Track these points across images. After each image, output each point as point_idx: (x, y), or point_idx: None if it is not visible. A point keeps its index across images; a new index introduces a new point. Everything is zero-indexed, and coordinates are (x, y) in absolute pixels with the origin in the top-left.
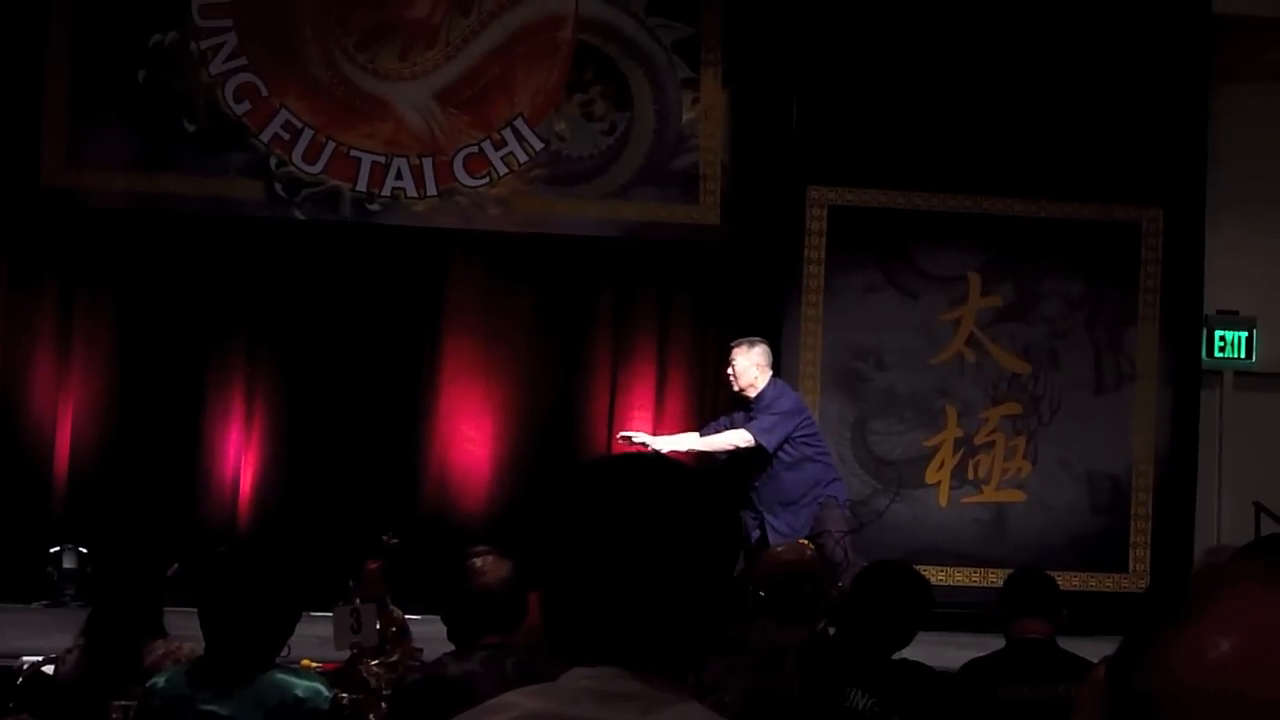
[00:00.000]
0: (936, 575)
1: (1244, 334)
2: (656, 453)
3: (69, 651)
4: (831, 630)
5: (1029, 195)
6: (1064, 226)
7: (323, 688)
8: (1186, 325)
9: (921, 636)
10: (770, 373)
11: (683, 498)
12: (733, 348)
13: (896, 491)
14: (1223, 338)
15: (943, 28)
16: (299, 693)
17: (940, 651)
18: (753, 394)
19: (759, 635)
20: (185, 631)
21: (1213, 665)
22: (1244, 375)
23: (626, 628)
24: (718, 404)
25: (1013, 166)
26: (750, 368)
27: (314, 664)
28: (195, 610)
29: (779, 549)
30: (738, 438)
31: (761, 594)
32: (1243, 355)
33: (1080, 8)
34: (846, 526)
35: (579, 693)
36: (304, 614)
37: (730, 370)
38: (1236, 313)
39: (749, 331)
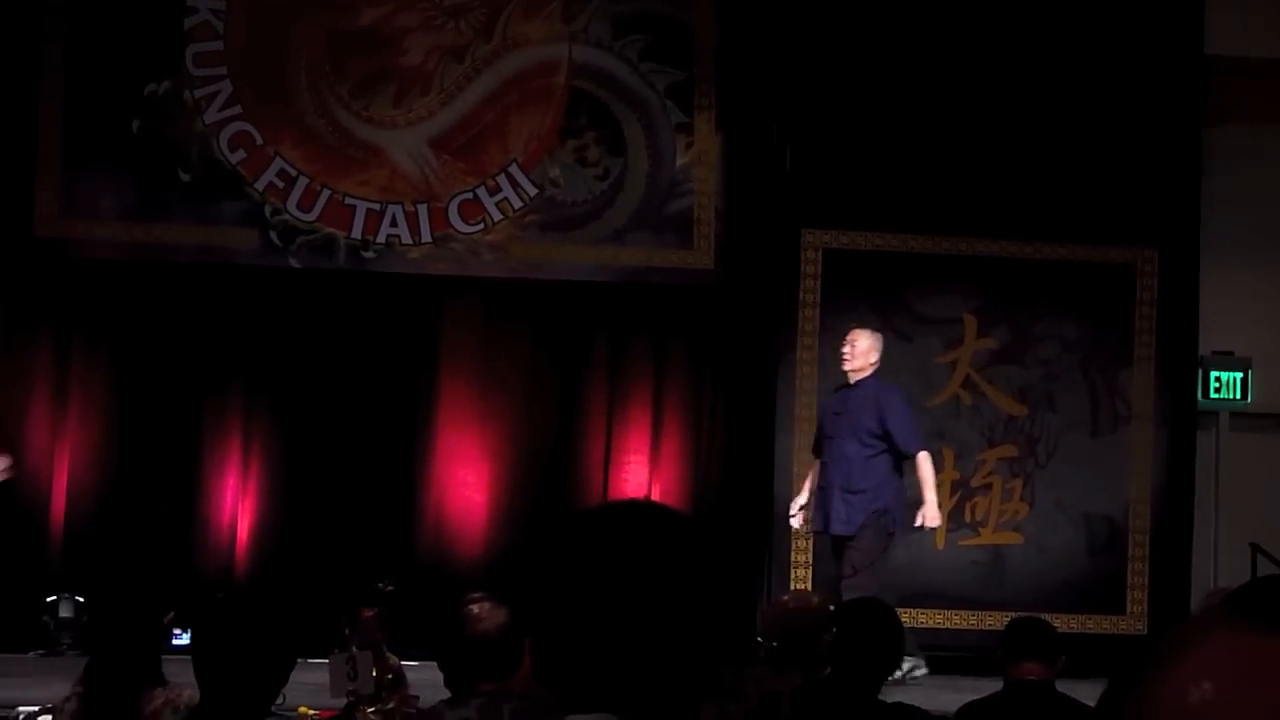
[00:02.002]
0: (934, 618)
1: (1239, 374)
2: (648, 500)
3: (66, 700)
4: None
5: (1023, 237)
6: (1058, 268)
7: None
8: (1182, 366)
9: (920, 680)
10: (878, 365)
11: (676, 545)
12: (855, 329)
13: (891, 532)
14: (1218, 378)
15: (936, 71)
16: None
17: (937, 695)
18: (855, 379)
19: (752, 682)
20: (184, 679)
21: (1193, 709)
22: (1240, 416)
23: (620, 675)
24: (714, 448)
25: (1007, 209)
26: (871, 351)
27: (311, 711)
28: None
29: (785, 598)
30: (925, 466)
31: (774, 645)
32: (1238, 396)
33: (1072, 51)
34: (882, 546)
35: None
36: (300, 661)
37: (848, 349)
38: (1232, 353)
39: (744, 375)
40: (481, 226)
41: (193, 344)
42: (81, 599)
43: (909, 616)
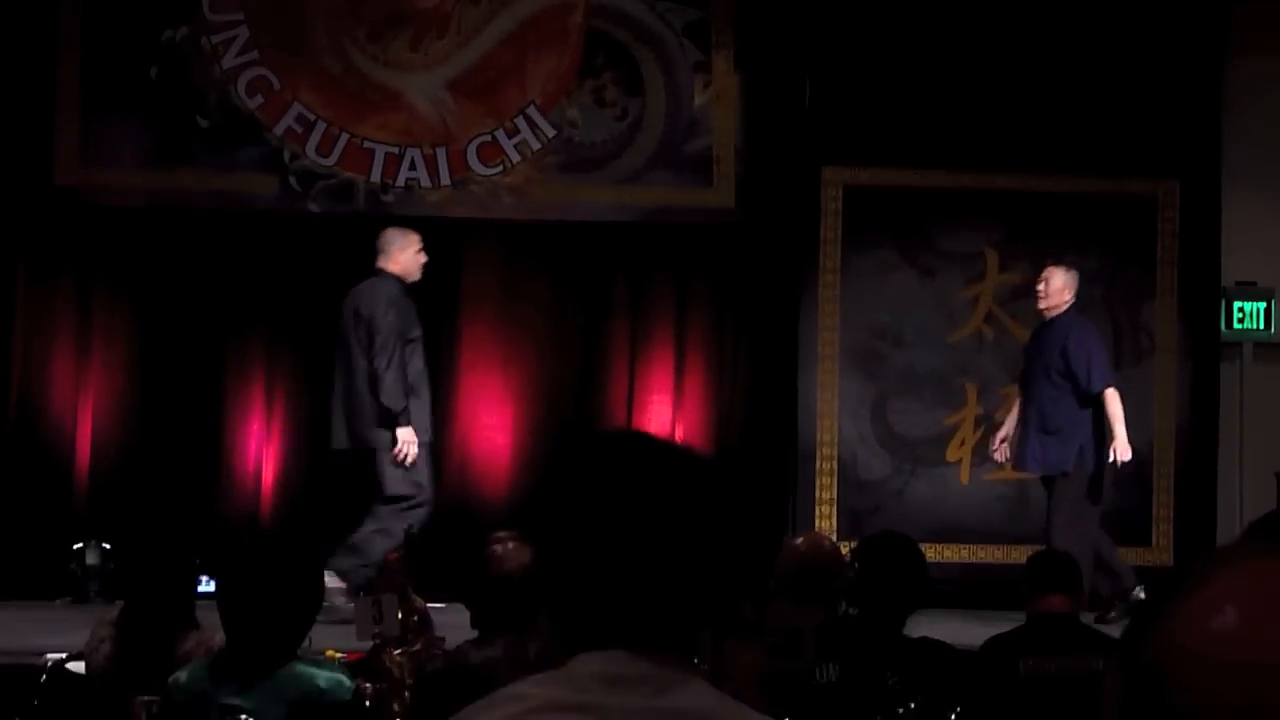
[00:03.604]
0: (959, 553)
1: (1263, 305)
2: (648, 433)
3: (101, 643)
4: (852, 610)
5: (1044, 171)
6: (1080, 201)
7: (344, 678)
8: (1205, 298)
9: (944, 613)
10: (1073, 301)
11: (684, 475)
12: (1049, 265)
13: (913, 468)
14: (1241, 309)
15: (954, 4)
16: (321, 684)
17: (964, 629)
18: (1050, 315)
19: (774, 617)
20: (217, 623)
21: (1216, 633)
22: (1264, 346)
23: (632, 608)
24: (737, 387)
25: (1027, 142)
26: (1065, 289)
27: (337, 654)
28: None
29: (798, 541)
30: (1113, 403)
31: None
32: (1261, 326)
33: None
34: (1083, 488)
35: (588, 678)
36: (326, 604)
37: (1042, 286)
38: (1255, 284)
39: (765, 312)
40: (500, 169)
41: (214, 290)
42: (107, 546)
43: (934, 551)
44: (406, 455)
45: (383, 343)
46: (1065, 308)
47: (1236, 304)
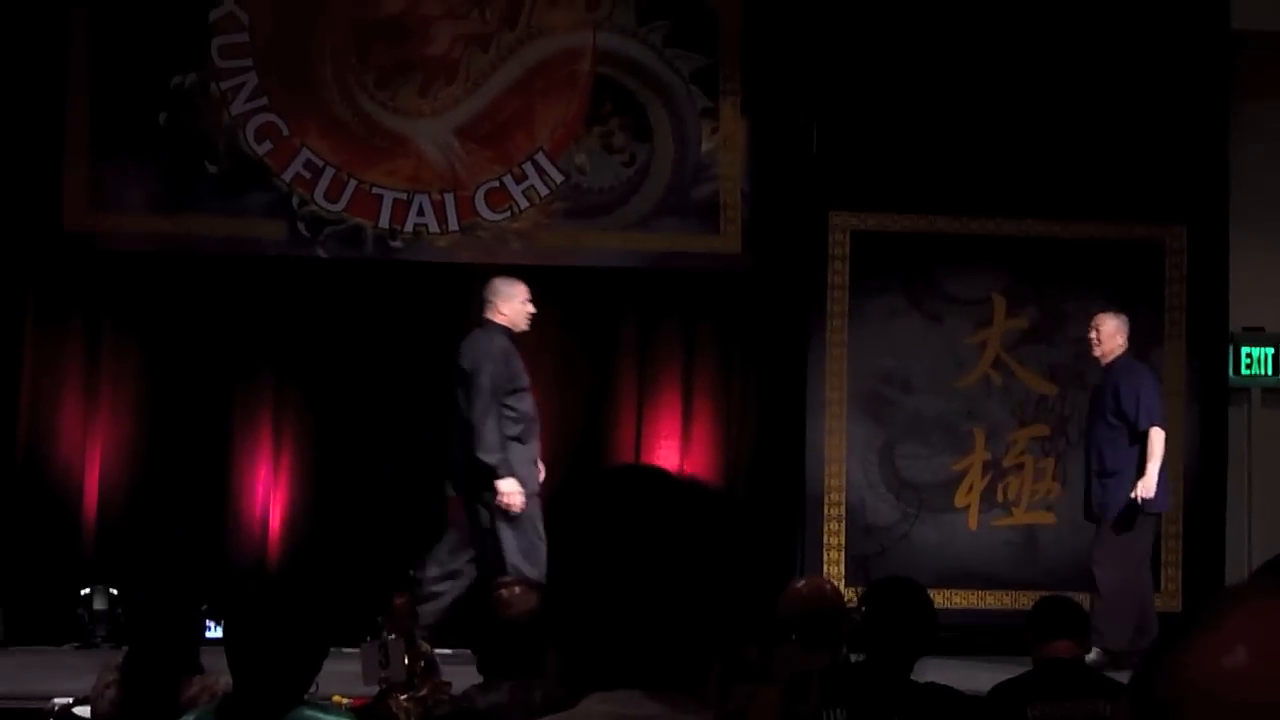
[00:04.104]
0: (968, 599)
1: (1270, 350)
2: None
3: (106, 688)
4: (854, 657)
5: (1051, 216)
6: (1087, 246)
7: None
8: (1212, 343)
9: (951, 660)
10: (1126, 345)
11: (695, 507)
12: (1098, 313)
13: (920, 513)
14: (1249, 354)
15: (961, 49)
16: None
17: (972, 675)
18: (1105, 361)
19: (782, 661)
20: (219, 669)
21: (1228, 672)
22: (1271, 392)
23: (643, 646)
24: (745, 432)
25: (1034, 187)
26: (1116, 333)
27: (344, 700)
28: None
29: (799, 585)
30: (1156, 441)
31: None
32: (1270, 372)
33: (1098, 27)
34: (1147, 537)
35: (600, 716)
36: (334, 650)
37: (1094, 334)
38: (1262, 329)
39: (773, 357)
40: (508, 214)
41: (222, 335)
42: (115, 591)
43: (941, 597)
44: (510, 505)
45: (478, 396)
46: (1118, 352)
47: (1244, 349)
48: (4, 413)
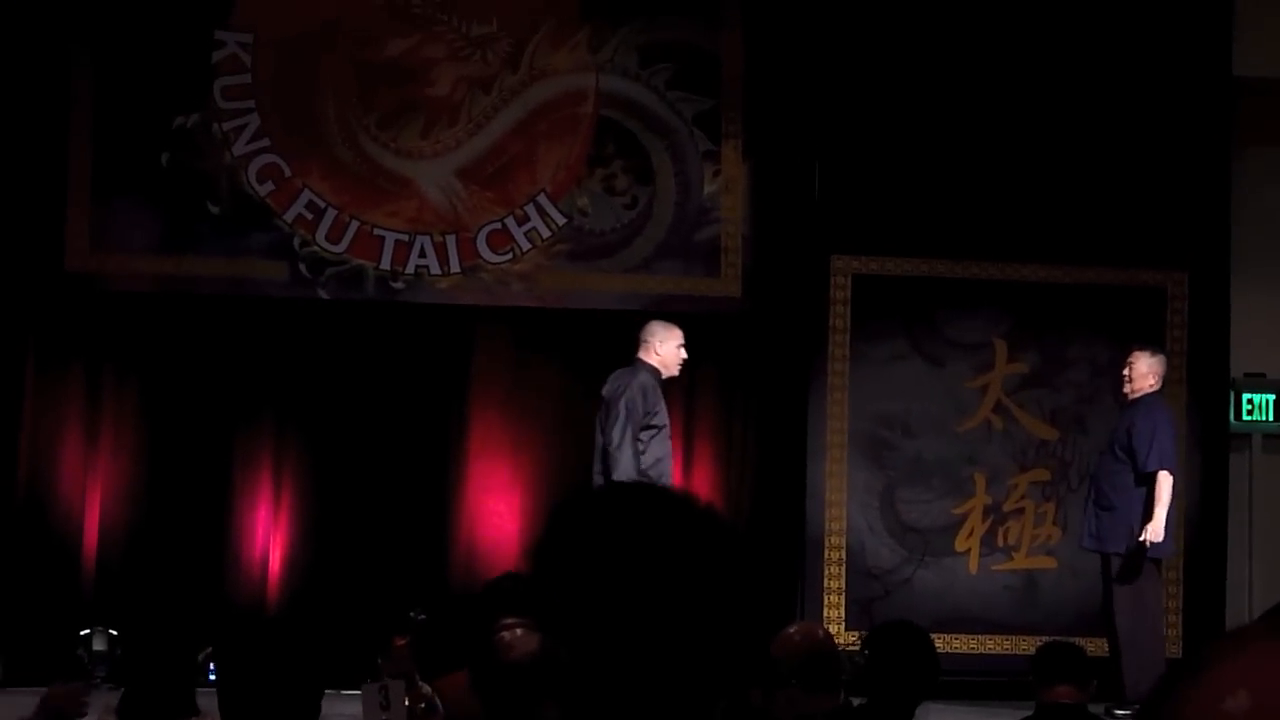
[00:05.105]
0: (968, 644)
1: (1272, 396)
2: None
3: None
4: (855, 701)
5: (1053, 261)
6: (1088, 292)
7: None
8: (1214, 388)
9: (953, 704)
10: (1158, 386)
11: (698, 529)
12: (1135, 349)
13: (921, 557)
14: (1250, 400)
15: (964, 96)
16: None
17: None
18: (1133, 397)
19: (785, 704)
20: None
21: (1228, 715)
22: (1273, 438)
23: (645, 680)
24: (745, 475)
25: (1036, 232)
26: (1149, 374)
27: None
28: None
29: (791, 631)
30: (1163, 486)
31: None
32: (1271, 418)
33: (1101, 74)
34: (1150, 581)
35: None
36: (334, 692)
37: (1127, 371)
38: (1264, 375)
39: (774, 400)
40: (510, 256)
41: (223, 376)
42: (115, 632)
43: (942, 641)
44: None
45: (617, 420)
46: (1148, 390)
47: (1245, 395)
48: (5, 453)
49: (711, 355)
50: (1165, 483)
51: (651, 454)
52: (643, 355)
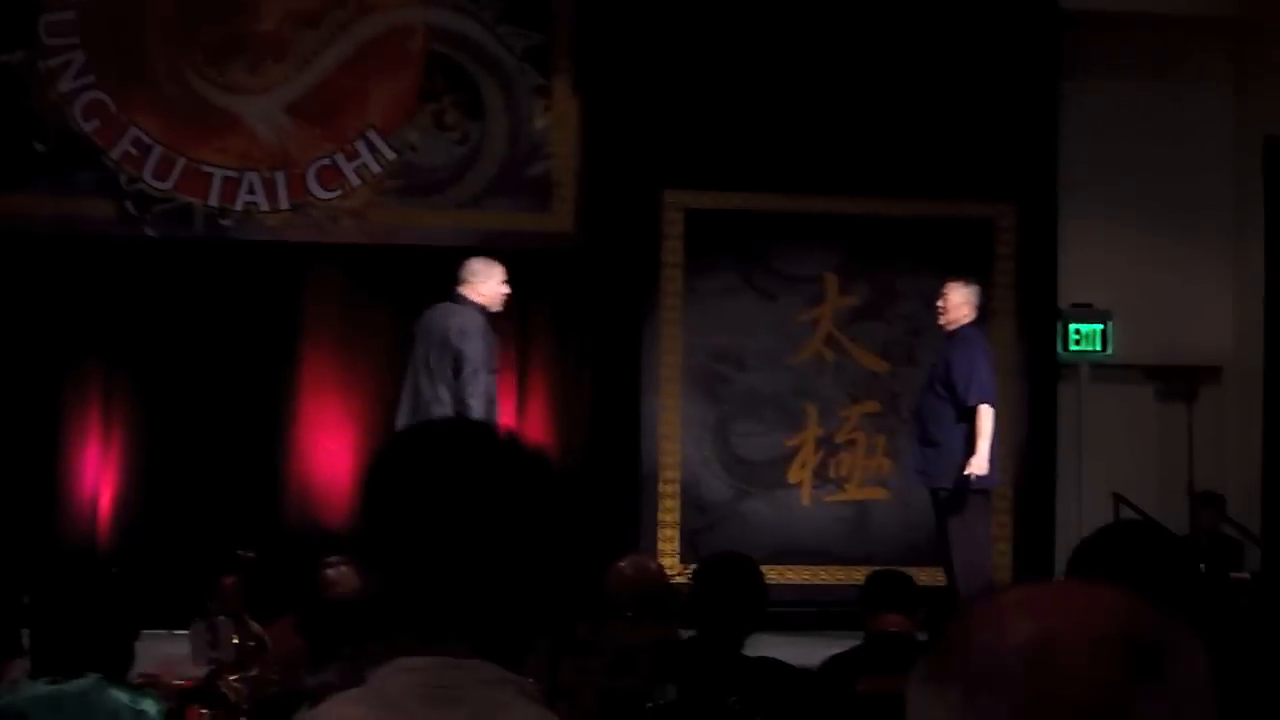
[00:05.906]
0: (801, 575)
1: (1099, 327)
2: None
3: None
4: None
5: (882, 194)
6: (917, 224)
7: (153, 703)
8: (1042, 319)
9: (784, 635)
10: (974, 316)
11: (515, 462)
12: (949, 280)
13: (754, 490)
14: (1078, 331)
15: (792, 28)
16: (127, 708)
17: (807, 651)
18: (950, 328)
19: (611, 636)
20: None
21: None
22: (1101, 367)
23: (460, 606)
24: (580, 411)
25: (866, 166)
26: (964, 304)
27: (178, 682)
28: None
29: (623, 564)
30: (985, 419)
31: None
32: (1098, 348)
33: (929, 7)
34: (984, 513)
35: (404, 691)
36: (165, 632)
37: (942, 303)
38: (1091, 306)
39: (607, 336)
40: (340, 193)
41: (51, 315)
42: None
43: (775, 573)
44: None
45: (471, 372)
46: (965, 322)
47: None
48: None
49: (544, 291)
50: (986, 415)
51: (488, 396)
52: (466, 293)
